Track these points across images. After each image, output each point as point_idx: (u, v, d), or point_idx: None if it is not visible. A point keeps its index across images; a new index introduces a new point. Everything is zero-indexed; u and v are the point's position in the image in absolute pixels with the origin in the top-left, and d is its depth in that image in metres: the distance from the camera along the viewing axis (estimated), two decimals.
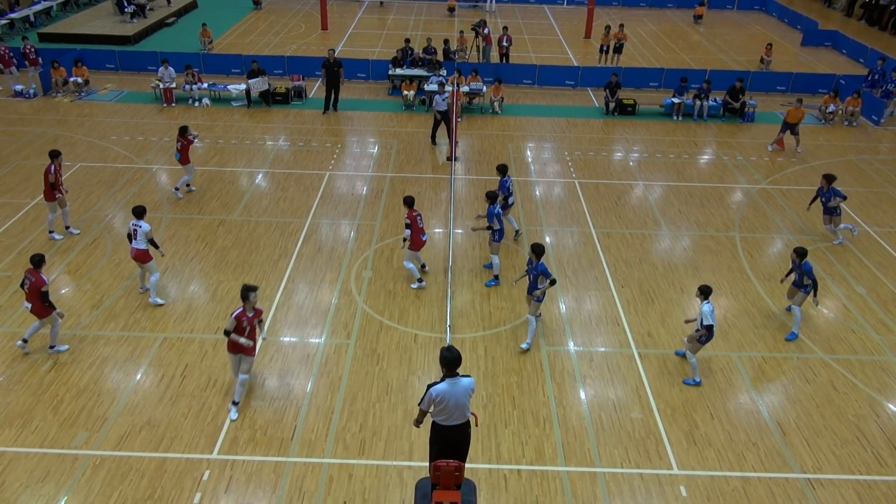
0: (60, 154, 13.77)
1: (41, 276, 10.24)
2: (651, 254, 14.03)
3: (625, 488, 8.75)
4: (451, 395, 7.33)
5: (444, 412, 7.43)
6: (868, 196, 16.77)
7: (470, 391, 7.46)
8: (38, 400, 9.80)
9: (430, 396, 7.35)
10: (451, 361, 7.32)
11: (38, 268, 10.33)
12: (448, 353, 7.35)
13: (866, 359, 11.23)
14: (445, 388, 7.31)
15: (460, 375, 7.40)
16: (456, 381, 7.34)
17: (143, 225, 11.39)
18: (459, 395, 7.36)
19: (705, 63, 27.27)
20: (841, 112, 21.58)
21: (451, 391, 7.32)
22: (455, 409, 7.42)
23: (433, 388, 7.33)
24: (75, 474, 8.65)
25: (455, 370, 7.35)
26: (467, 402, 7.49)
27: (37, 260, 10.37)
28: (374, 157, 18.18)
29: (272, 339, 11.17)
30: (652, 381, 10.56)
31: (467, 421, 7.63)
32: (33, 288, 10.21)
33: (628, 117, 21.64)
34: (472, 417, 7.77)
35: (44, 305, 10.30)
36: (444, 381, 7.36)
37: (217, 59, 24.49)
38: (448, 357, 7.33)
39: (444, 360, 7.36)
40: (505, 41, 25.74)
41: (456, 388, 7.33)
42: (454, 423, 7.52)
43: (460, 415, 7.49)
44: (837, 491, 8.80)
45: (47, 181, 13.35)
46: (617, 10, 37.12)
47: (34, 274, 10.24)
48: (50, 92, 21.82)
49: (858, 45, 29.02)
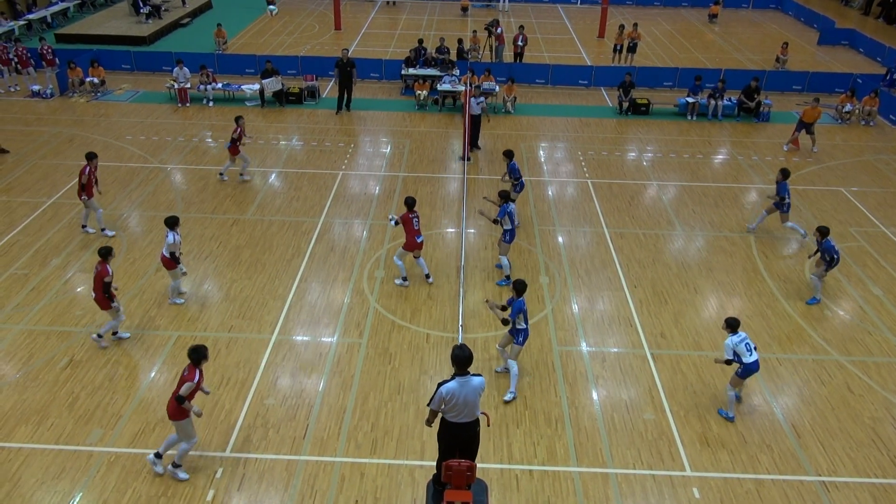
0: (96, 156, 13.91)
1: (106, 267, 10.46)
2: (664, 254, 13.95)
3: (637, 489, 8.70)
4: (461, 394, 7.35)
5: (454, 409, 7.46)
6: (885, 196, 16.58)
7: (480, 390, 7.48)
8: (54, 397, 9.90)
9: (441, 395, 7.39)
10: (463, 360, 7.35)
11: (106, 259, 10.53)
12: (460, 352, 7.38)
13: (882, 360, 11.11)
14: (455, 387, 7.35)
15: (471, 374, 7.42)
16: (467, 380, 7.37)
17: (169, 236, 11.47)
18: (469, 394, 7.38)
19: (720, 62, 27.07)
20: (858, 111, 21.34)
21: (460, 390, 7.34)
22: (464, 407, 7.44)
23: (443, 386, 7.38)
24: (90, 471, 8.74)
25: (466, 369, 7.38)
26: (477, 400, 7.51)
27: (104, 252, 10.58)
28: (387, 156, 18.21)
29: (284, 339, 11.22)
30: (665, 382, 10.50)
31: (476, 419, 7.64)
32: (97, 278, 10.44)
33: (642, 117, 21.53)
34: (483, 417, 7.77)
35: (104, 297, 10.51)
36: (454, 379, 7.39)
37: (231, 60, 24.64)
38: (460, 356, 7.36)
39: (455, 359, 7.40)
40: (520, 40, 25.68)
41: (466, 386, 7.36)
42: (463, 420, 7.55)
43: (469, 413, 7.51)
44: (853, 494, 8.71)
45: (80, 181, 13.52)
46: (631, 10, 36.95)
47: (101, 265, 10.48)
48: (66, 92, 22.05)
49: (876, 43, 28.70)
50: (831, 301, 12.52)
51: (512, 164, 14.52)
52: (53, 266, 12.99)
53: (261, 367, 10.59)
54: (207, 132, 19.48)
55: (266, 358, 10.80)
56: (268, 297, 12.27)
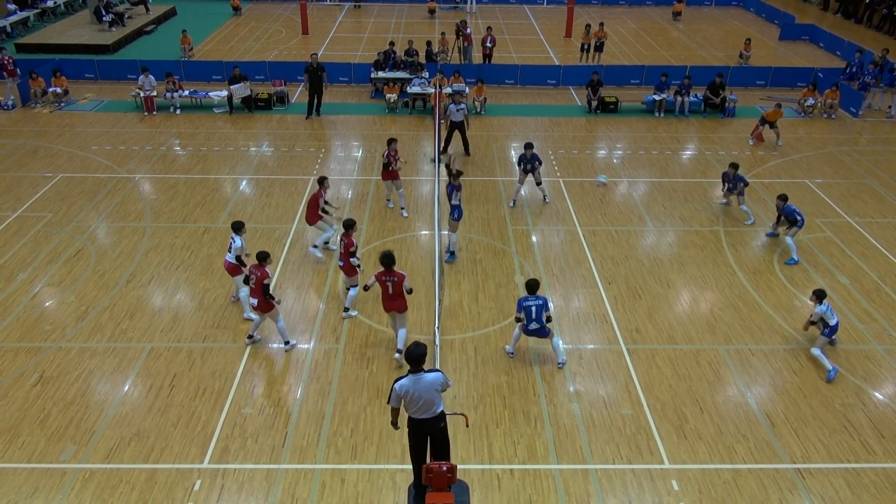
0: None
1: (265, 270, 10.39)
2: (637, 250, 14.11)
3: (617, 484, 8.78)
4: (415, 390, 7.49)
5: (412, 406, 7.61)
6: (848, 187, 16.97)
7: (436, 385, 7.57)
8: (25, 414, 9.69)
9: (395, 391, 7.55)
10: (415, 357, 7.48)
11: (263, 263, 10.46)
12: (414, 349, 7.51)
13: (851, 348, 11.36)
14: (407, 384, 7.50)
15: (425, 371, 7.54)
16: (420, 377, 7.49)
17: (236, 240, 11.39)
18: (423, 390, 7.50)
19: (685, 59, 27.47)
20: (820, 105, 21.81)
21: (414, 386, 7.48)
22: (421, 402, 7.55)
23: (397, 382, 7.55)
24: (64, 488, 8.56)
25: (419, 366, 7.50)
26: (435, 396, 7.60)
27: (262, 255, 10.51)
28: (359, 160, 18.15)
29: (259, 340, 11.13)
30: (641, 377, 10.61)
31: (439, 415, 7.73)
32: (258, 282, 10.37)
33: (611, 115, 21.75)
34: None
35: (266, 300, 10.45)
36: (407, 376, 7.54)
37: (198, 66, 24.35)
38: (413, 352, 7.49)
39: (407, 356, 7.54)
40: (489, 42, 25.78)
41: (419, 382, 7.48)
42: (424, 416, 7.66)
43: (427, 408, 7.61)
44: (827, 479, 8.89)
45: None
46: (597, 9, 37.32)
47: (259, 269, 10.39)
48: (29, 103, 21.60)
49: (835, 38, 29.37)
50: (800, 291, 12.77)
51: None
52: (20, 281, 12.72)
53: (237, 377, 10.48)
54: (175, 140, 19.23)
55: (242, 367, 10.69)
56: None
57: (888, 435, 9.60)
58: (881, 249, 14.22)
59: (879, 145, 19.67)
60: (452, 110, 17.69)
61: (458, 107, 17.72)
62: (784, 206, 13.83)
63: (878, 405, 10.15)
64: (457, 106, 17.70)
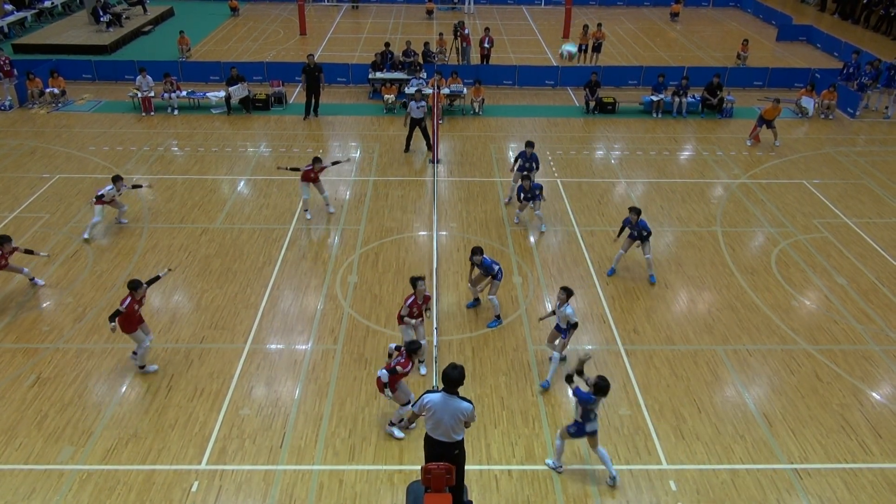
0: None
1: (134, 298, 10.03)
2: (635, 251, 14.10)
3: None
4: (440, 409, 7.40)
5: (431, 421, 7.53)
6: (846, 188, 16.99)
7: (461, 414, 7.43)
8: (22, 416, 9.67)
9: (422, 401, 7.48)
10: (452, 380, 7.38)
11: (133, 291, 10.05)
12: (451, 371, 7.39)
13: (849, 348, 11.38)
14: (437, 400, 7.41)
15: (460, 397, 7.43)
16: (450, 399, 7.39)
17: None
18: (448, 414, 7.40)
19: (683, 60, 27.50)
20: (817, 105, 21.84)
21: (441, 406, 7.40)
22: (440, 423, 7.47)
23: (428, 394, 7.46)
24: (62, 490, 8.55)
25: (455, 389, 7.39)
26: (456, 424, 7.48)
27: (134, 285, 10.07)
28: (357, 161, 18.14)
29: (258, 347, 11.11)
30: (639, 378, 10.62)
31: (455, 443, 7.62)
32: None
33: (609, 116, 21.76)
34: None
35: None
36: (440, 392, 7.45)
37: (195, 67, 24.32)
38: (450, 374, 7.38)
39: (444, 377, 7.42)
40: (487, 42, 25.79)
41: (448, 405, 7.39)
42: (439, 437, 7.59)
43: (445, 433, 7.52)
44: (824, 480, 8.90)
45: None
46: (594, 10, 37.34)
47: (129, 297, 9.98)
48: (26, 104, 21.57)
49: (832, 39, 29.41)
50: (798, 292, 12.79)
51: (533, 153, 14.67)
52: (17, 282, 12.69)
53: (235, 378, 10.47)
54: (173, 141, 19.21)
55: (240, 368, 10.68)
56: (240, 306, 12.14)
57: (885, 435, 9.61)
58: (878, 250, 14.25)
59: (877, 146, 19.71)
60: (413, 107, 17.91)
61: (419, 104, 17.93)
62: (638, 220, 12.63)
63: (875, 405, 10.16)
64: (417, 104, 17.91)
